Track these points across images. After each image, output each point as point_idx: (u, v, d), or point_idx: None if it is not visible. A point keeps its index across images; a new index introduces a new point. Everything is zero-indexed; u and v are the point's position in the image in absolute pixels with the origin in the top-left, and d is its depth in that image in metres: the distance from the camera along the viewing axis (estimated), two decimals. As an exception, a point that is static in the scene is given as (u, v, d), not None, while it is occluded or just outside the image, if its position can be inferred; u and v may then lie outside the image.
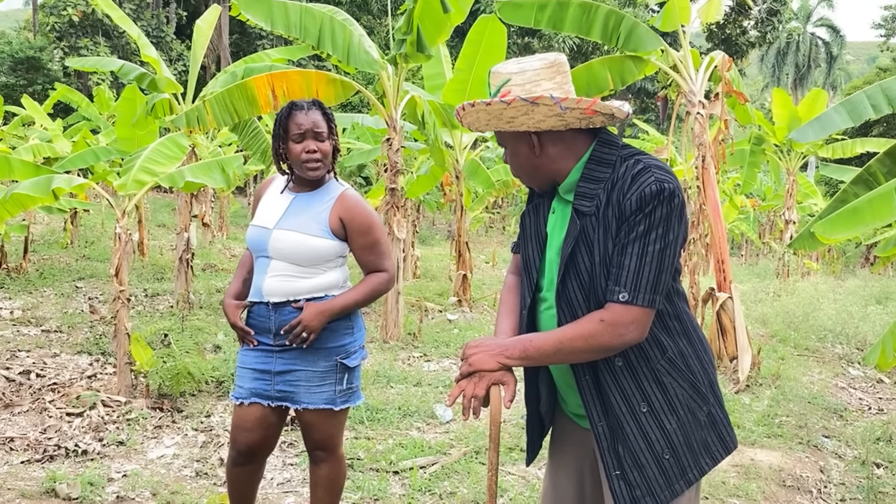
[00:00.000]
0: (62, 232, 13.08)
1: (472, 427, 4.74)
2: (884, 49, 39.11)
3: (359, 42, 6.45)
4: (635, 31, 6.06)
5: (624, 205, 1.72)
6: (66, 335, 6.66)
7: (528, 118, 1.77)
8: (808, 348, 7.84)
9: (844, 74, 56.26)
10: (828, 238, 4.07)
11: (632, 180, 1.73)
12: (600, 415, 1.83)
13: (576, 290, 1.80)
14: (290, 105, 2.71)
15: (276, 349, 2.71)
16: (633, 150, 1.84)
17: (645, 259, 1.71)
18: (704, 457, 1.85)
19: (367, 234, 2.74)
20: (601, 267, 1.76)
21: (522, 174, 1.92)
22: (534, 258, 1.95)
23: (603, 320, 1.73)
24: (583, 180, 1.82)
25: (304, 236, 2.66)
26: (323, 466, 2.82)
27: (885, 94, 5.11)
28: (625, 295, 1.71)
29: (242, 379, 2.77)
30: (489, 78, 1.86)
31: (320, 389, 2.71)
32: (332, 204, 2.72)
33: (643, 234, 1.71)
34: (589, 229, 1.78)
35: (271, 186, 2.84)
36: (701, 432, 1.85)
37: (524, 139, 1.83)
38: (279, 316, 2.69)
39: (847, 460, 4.70)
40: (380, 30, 26.74)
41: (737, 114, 7.41)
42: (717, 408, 1.90)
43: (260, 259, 2.74)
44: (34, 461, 3.99)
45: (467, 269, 9.15)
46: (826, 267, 18.02)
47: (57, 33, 24.97)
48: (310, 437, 2.80)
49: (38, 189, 4.60)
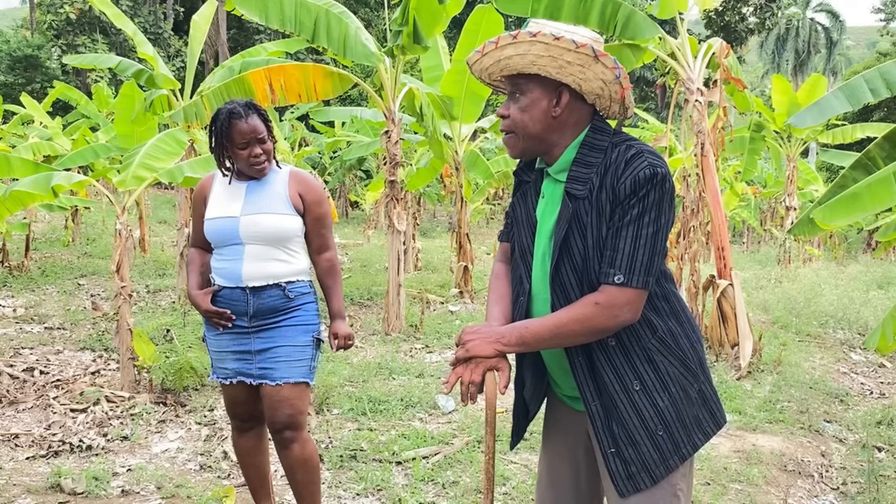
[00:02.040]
0: (63, 230, 13.11)
1: (474, 417, 4.76)
2: (884, 33, 39.00)
3: (355, 34, 6.44)
4: (632, 19, 6.04)
5: (618, 188, 1.74)
6: (69, 332, 6.68)
7: (581, 71, 1.76)
8: (809, 334, 7.85)
9: (845, 60, 56.03)
10: (827, 224, 4.06)
11: (625, 165, 1.75)
12: (594, 395, 1.85)
13: (569, 274, 1.82)
14: (228, 114, 2.79)
15: (252, 330, 2.84)
16: (623, 135, 1.85)
17: (639, 242, 1.74)
18: (697, 433, 1.89)
19: (320, 206, 2.92)
20: (594, 250, 1.78)
21: (525, 131, 1.85)
22: (528, 244, 1.95)
23: (598, 303, 1.75)
24: (575, 164, 1.83)
25: (274, 216, 2.81)
26: (294, 447, 2.87)
27: (884, 79, 5.09)
28: (620, 277, 1.74)
29: (223, 361, 2.91)
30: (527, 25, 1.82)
31: (299, 364, 2.85)
32: (288, 181, 2.89)
33: (637, 217, 1.73)
34: (582, 213, 1.79)
35: (215, 183, 2.95)
36: (692, 409, 1.88)
37: (550, 94, 1.81)
38: (257, 299, 2.82)
39: (848, 444, 4.71)
40: (377, 22, 26.67)
41: (735, 101, 7.39)
42: (707, 385, 1.93)
43: (229, 248, 2.84)
44: (39, 457, 4.02)
45: (468, 261, 9.15)
46: (828, 253, 18.01)
47: (54, 31, 24.94)
48: (281, 416, 2.83)
49: (37, 186, 4.61)
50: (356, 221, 22.15)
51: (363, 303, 8.48)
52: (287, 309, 2.86)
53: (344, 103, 23.41)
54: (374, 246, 14.35)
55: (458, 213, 9.35)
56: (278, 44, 8.72)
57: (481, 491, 3.66)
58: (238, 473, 3.87)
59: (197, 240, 3.01)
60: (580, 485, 2.07)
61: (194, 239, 3.03)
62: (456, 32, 9.59)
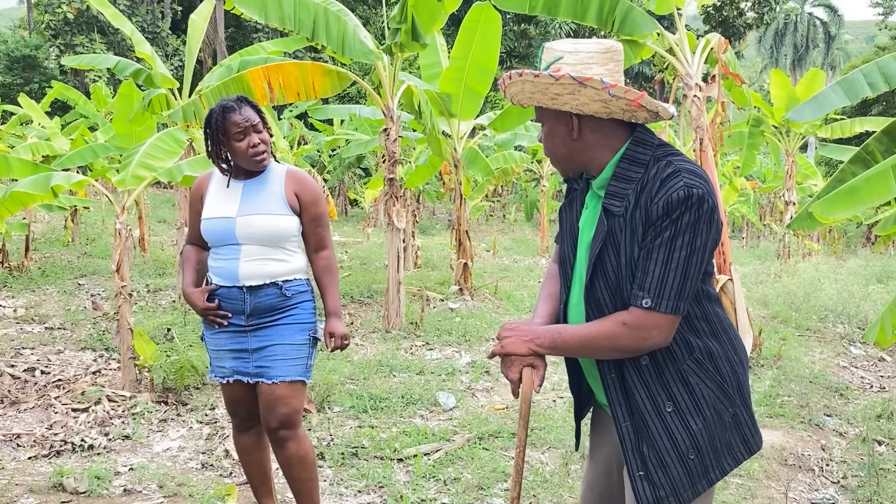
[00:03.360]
0: (63, 230, 13.11)
1: (474, 414, 4.77)
2: (882, 27, 38.92)
3: (353, 32, 6.43)
4: (630, 15, 6.03)
5: (651, 209, 1.71)
6: (70, 332, 6.69)
7: (573, 98, 1.76)
8: (809, 328, 7.86)
9: (843, 54, 56.02)
10: (826, 218, 4.07)
11: (660, 184, 1.72)
12: (625, 415, 1.84)
13: (602, 290, 1.81)
14: (221, 108, 2.81)
15: (249, 329, 2.85)
16: (668, 149, 1.82)
17: (670, 265, 1.70)
18: (727, 457, 1.86)
19: (316, 205, 2.91)
20: (627, 269, 1.77)
21: (554, 156, 1.91)
22: (569, 253, 1.96)
23: (625, 323, 1.75)
24: (615, 179, 1.81)
25: (270, 216, 2.81)
26: (289, 445, 2.89)
27: (882, 72, 5.09)
28: (648, 301, 1.72)
29: (220, 360, 2.93)
30: (541, 52, 1.84)
31: (295, 363, 2.86)
32: (284, 181, 2.88)
33: (669, 240, 1.70)
34: (616, 230, 1.78)
35: (212, 182, 2.95)
36: (725, 433, 1.85)
37: (564, 120, 1.83)
38: (254, 298, 2.83)
39: (849, 438, 4.72)
40: (376, 20, 26.65)
41: (733, 96, 7.39)
42: (743, 409, 1.89)
43: (225, 248, 2.84)
44: (41, 457, 4.03)
45: (468, 258, 9.15)
46: (827, 247, 18.01)
47: (52, 31, 24.92)
48: (276, 414, 2.85)
49: (37, 187, 4.61)
50: (355, 219, 22.16)
51: (363, 300, 8.49)
52: (284, 307, 2.87)
53: (343, 101, 23.41)
54: (374, 244, 14.35)
55: (457, 210, 9.35)
56: (276, 43, 8.71)
57: (509, 483, 3.67)
58: (240, 471, 3.88)
59: (193, 237, 3.01)
60: (612, 488, 2.08)
61: (190, 236, 3.03)
62: (454, 29, 9.59)
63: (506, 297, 9.08)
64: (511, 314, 8.20)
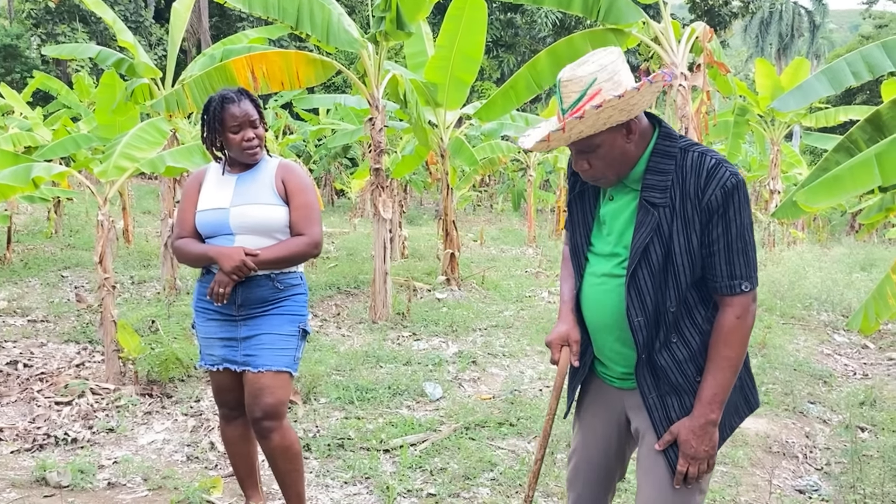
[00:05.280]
0: (46, 221, 12.98)
1: (461, 404, 4.77)
2: (866, 16, 39.12)
3: (338, 21, 6.38)
4: (616, 4, 6.02)
5: (709, 200, 1.87)
6: (53, 324, 6.63)
7: (636, 106, 1.87)
8: (793, 316, 7.91)
9: (828, 43, 56.24)
10: (809, 206, 4.08)
11: (707, 175, 1.88)
12: (651, 387, 2.01)
13: (646, 278, 1.95)
14: (221, 98, 2.84)
15: (240, 318, 2.87)
16: (688, 140, 1.98)
17: (748, 247, 1.91)
18: (734, 416, 2.08)
19: (302, 193, 2.89)
20: (681, 257, 1.91)
21: (612, 168, 1.97)
22: (581, 244, 2.10)
23: (739, 317, 1.92)
24: (649, 172, 1.94)
25: (262, 206, 2.83)
26: (273, 437, 2.87)
27: (866, 61, 5.11)
28: (747, 285, 1.92)
29: (210, 347, 2.95)
30: (561, 89, 1.89)
31: (283, 353, 2.87)
32: (275, 172, 2.91)
33: (740, 226, 1.89)
34: (663, 221, 1.91)
35: (208, 174, 2.97)
36: (734, 395, 2.04)
37: (619, 131, 1.91)
38: (246, 289, 2.84)
39: (832, 425, 4.76)
40: (361, 8, 26.47)
41: (718, 85, 7.40)
42: (745, 373, 2.10)
43: (219, 238, 2.85)
44: (24, 451, 3.99)
45: (455, 248, 9.14)
46: (812, 236, 18.13)
47: (33, 20, 24.59)
48: (261, 404, 2.82)
49: (17, 178, 4.55)
50: (342, 210, 22.07)
51: (350, 291, 8.46)
52: (276, 300, 2.88)
53: (328, 90, 23.26)
54: (361, 234, 14.30)
55: (444, 200, 9.33)
56: (260, 31, 8.62)
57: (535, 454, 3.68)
58: (225, 464, 3.86)
59: (184, 230, 2.91)
60: (609, 459, 2.23)
61: (180, 230, 2.92)
62: (440, 18, 9.53)
63: (493, 287, 9.08)
64: (498, 304, 8.20)
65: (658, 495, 2.01)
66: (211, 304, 2.88)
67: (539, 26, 29.22)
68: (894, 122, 4.18)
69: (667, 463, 2.00)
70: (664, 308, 1.95)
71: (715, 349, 1.94)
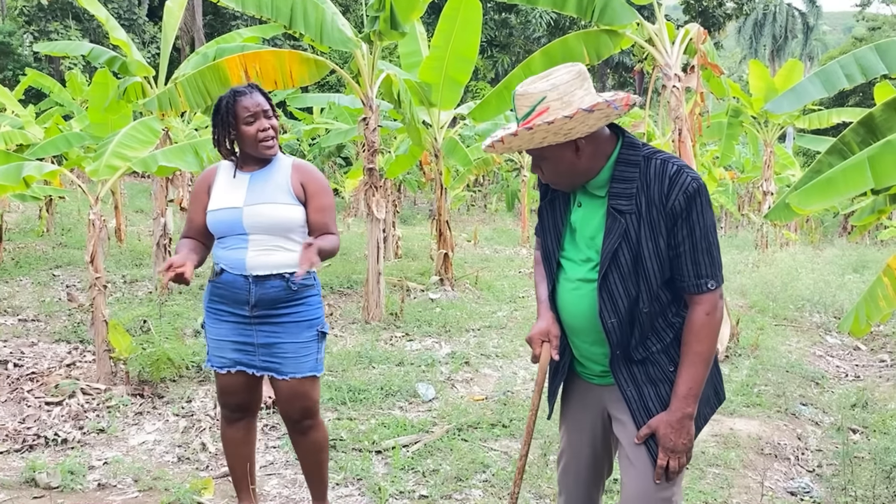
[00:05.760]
0: (37, 220, 12.91)
1: (454, 405, 4.76)
2: (860, 18, 39.27)
3: (332, 20, 6.36)
4: (610, 5, 6.01)
5: (672, 205, 1.97)
6: (44, 324, 6.59)
7: (584, 125, 1.94)
8: (786, 318, 7.93)
9: (821, 45, 56.48)
10: (803, 209, 4.08)
11: (670, 181, 1.98)
12: (628, 381, 2.10)
13: (617, 282, 2.04)
14: (232, 92, 2.83)
15: (255, 321, 2.83)
16: (651, 148, 2.07)
17: (712, 247, 2.02)
18: (706, 407, 2.18)
19: (322, 196, 2.89)
20: (650, 261, 2.01)
21: (562, 179, 2.09)
22: (553, 249, 2.18)
23: (708, 313, 2.02)
24: (615, 181, 2.03)
25: (277, 206, 2.80)
26: (311, 434, 2.99)
27: (859, 64, 5.11)
28: (713, 283, 2.02)
29: (221, 350, 2.90)
30: (515, 101, 2.00)
31: (305, 359, 2.87)
32: (290, 172, 2.88)
33: (703, 227, 1.99)
34: (630, 227, 2.00)
35: (219, 174, 2.93)
36: (705, 388, 2.12)
37: (569, 146, 2.00)
38: (260, 289, 2.81)
39: (824, 427, 4.77)
40: (355, 8, 26.43)
41: (712, 86, 7.40)
42: (714, 366, 2.18)
43: (232, 238, 2.83)
44: (13, 451, 3.97)
45: (449, 248, 9.13)
46: (804, 237, 18.18)
47: (26, 17, 24.47)
48: (296, 408, 2.92)
49: (8, 177, 4.53)
50: (335, 209, 22.04)
51: (342, 291, 8.44)
52: (290, 301, 2.85)
53: (322, 90, 23.21)
54: (354, 234, 14.28)
55: (438, 200, 9.31)
56: (254, 30, 8.60)
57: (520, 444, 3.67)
58: (216, 465, 3.85)
59: (191, 230, 2.93)
60: (597, 455, 2.31)
61: (187, 230, 2.95)
62: (434, 18, 9.52)
63: (486, 288, 9.07)
64: (491, 304, 8.19)
65: (642, 488, 2.09)
66: (223, 305, 2.87)
67: (534, 27, 29.23)
68: (887, 124, 4.17)
69: (648, 456, 2.08)
70: (637, 309, 2.04)
71: (687, 345, 2.04)
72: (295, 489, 3.60)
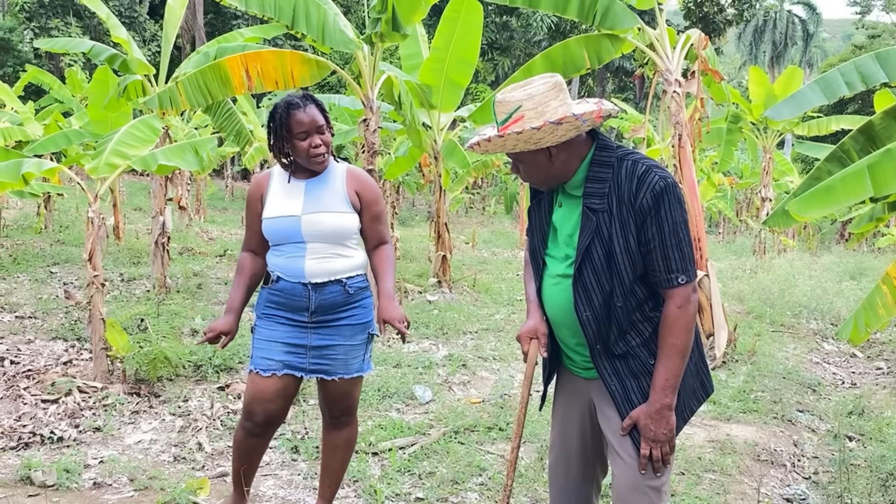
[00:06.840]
0: (35, 217, 12.90)
1: (451, 407, 4.76)
2: (859, 26, 39.34)
3: (334, 21, 6.36)
4: (612, 9, 6.03)
5: (640, 203, 2.04)
6: (41, 321, 6.58)
7: (553, 136, 2.04)
8: (783, 324, 7.94)
9: (821, 52, 56.60)
10: (802, 216, 4.09)
11: (639, 181, 2.06)
12: (611, 375, 2.17)
13: (590, 276, 2.13)
14: (287, 105, 2.80)
15: (311, 325, 2.87)
16: (624, 149, 2.16)
17: (682, 243, 2.08)
18: (692, 399, 2.25)
19: (377, 204, 2.95)
20: (621, 256, 2.08)
21: (537, 180, 2.22)
22: (539, 247, 2.29)
23: (680, 307, 2.08)
24: (589, 181, 2.13)
25: (335, 214, 2.83)
26: (346, 430, 3.06)
27: (859, 72, 5.12)
28: (683, 277, 2.08)
29: (271, 352, 2.88)
30: (494, 107, 2.10)
31: (355, 360, 2.93)
32: (346, 180, 2.91)
33: (672, 224, 2.05)
34: (602, 224, 2.09)
35: (272, 180, 2.93)
36: (690, 379, 2.21)
37: (543, 152, 2.10)
38: (319, 295, 2.84)
39: (820, 434, 4.77)
40: (357, 9, 26.45)
41: (712, 92, 7.42)
42: (700, 359, 2.27)
43: (289, 245, 2.85)
44: (9, 449, 3.95)
45: (447, 250, 9.13)
46: (802, 244, 18.21)
47: (26, 13, 24.44)
48: (339, 405, 3.00)
49: (7, 174, 4.52)
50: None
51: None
52: (347, 305, 2.87)
53: (322, 90, 23.23)
54: (353, 234, 14.26)
55: (436, 202, 9.32)
56: (255, 29, 8.59)
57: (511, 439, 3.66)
58: (212, 465, 3.84)
59: (250, 242, 2.97)
60: (586, 447, 2.37)
61: (247, 240, 2.99)
62: (435, 20, 9.52)
63: (484, 290, 9.07)
64: (489, 307, 8.19)
65: (630, 477, 2.16)
66: (280, 311, 2.87)
67: (534, 30, 29.26)
68: (886, 133, 4.18)
69: (634, 447, 2.15)
70: (612, 303, 2.12)
71: (663, 338, 2.10)
72: (291, 490, 3.60)
